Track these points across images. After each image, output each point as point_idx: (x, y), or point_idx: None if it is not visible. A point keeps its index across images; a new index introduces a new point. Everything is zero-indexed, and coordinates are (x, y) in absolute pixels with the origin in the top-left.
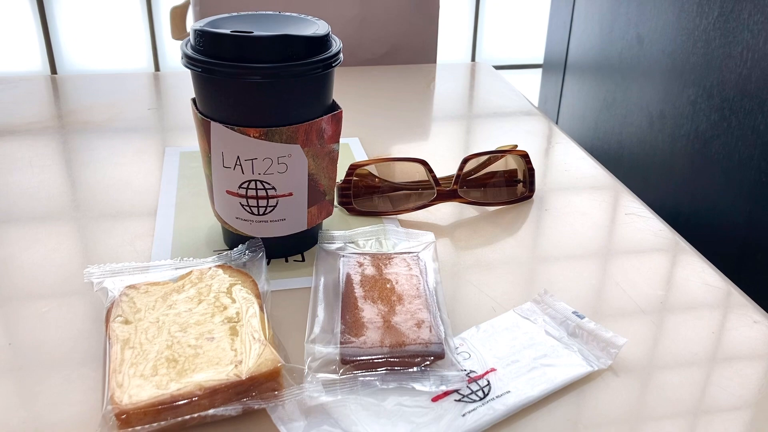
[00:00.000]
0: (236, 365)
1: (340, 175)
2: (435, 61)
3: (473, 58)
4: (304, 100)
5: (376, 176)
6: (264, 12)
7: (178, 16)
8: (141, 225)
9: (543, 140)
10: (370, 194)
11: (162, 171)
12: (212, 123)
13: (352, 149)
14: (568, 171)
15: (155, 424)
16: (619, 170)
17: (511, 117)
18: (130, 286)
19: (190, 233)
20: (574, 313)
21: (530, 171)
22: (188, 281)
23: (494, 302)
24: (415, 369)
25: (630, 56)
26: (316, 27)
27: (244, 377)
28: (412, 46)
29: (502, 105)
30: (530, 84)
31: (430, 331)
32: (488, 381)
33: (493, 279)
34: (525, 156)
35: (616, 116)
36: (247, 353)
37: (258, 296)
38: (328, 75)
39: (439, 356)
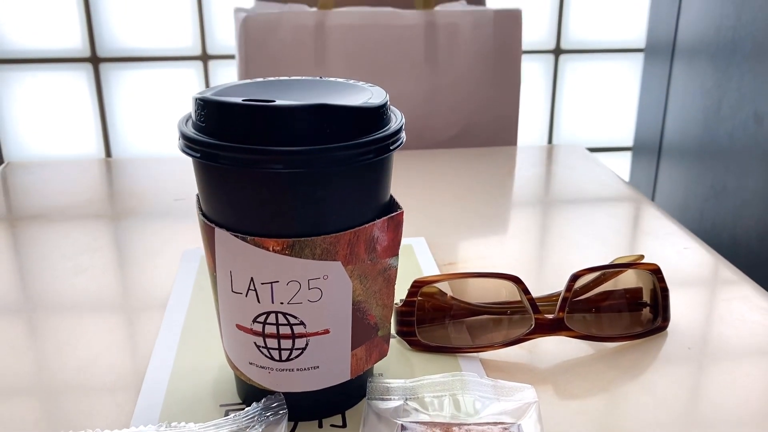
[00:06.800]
0: None
1: (400, 293)
2: (515, 144)
3: (550, 142)
4: (348, 199)
5: (448, 295)
6: (300, 78)
7: None
8: (133, 362)
9: (667, 247)
10: (440, 319)
11: (174, 281)
12: (216, 229)
13: (417, 253)
14: (716, 294)
15: None
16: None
17: (621, 212)
18: None
19: (192, 379)
20: None
21: (663, 292)
22: None
23: None
24: None
25: (745, 137)
26: (369, 95)
27: None
28: (488, 126)
29: (607, 197)
30: (617, 169)
31: None
32: None
33: None
34: (656, 271)
35: (728, 206)
36: None
37: None
38: (383, 163)
39: None
